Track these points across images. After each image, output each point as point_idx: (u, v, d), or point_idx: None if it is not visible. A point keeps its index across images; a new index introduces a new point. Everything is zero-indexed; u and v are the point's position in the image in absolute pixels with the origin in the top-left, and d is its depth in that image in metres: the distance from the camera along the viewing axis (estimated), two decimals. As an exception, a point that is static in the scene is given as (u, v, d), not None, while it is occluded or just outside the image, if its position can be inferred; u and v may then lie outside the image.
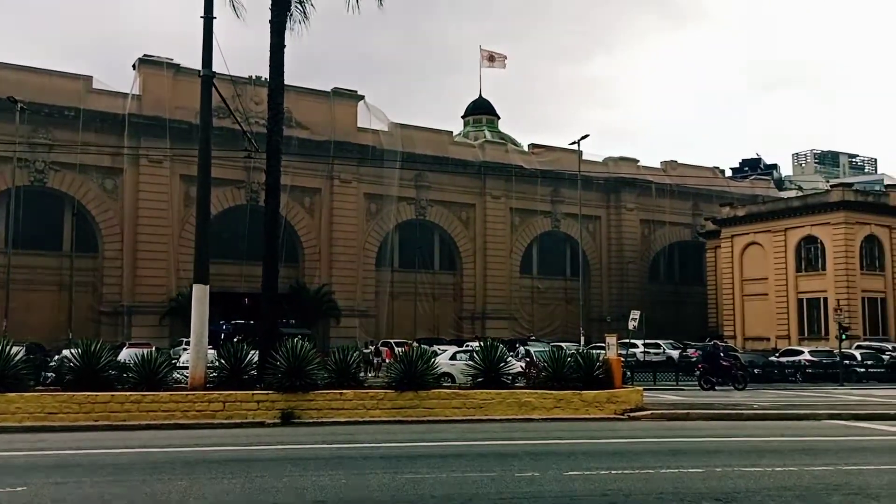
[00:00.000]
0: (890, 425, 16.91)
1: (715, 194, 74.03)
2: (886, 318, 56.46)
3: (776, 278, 59.18)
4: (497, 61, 73.19)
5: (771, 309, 59.27)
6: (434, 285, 63.30)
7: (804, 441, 14.12)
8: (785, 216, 59.69)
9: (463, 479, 9.95)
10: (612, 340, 20.58)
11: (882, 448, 13.32)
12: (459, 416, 17.34)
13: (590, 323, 62.96)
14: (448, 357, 28.99)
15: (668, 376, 34.59)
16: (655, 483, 9.69)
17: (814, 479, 9.99)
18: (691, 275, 73.67)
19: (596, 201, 70.09)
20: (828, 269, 56.03)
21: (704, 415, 18.48)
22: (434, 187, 62.90)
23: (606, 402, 18.26)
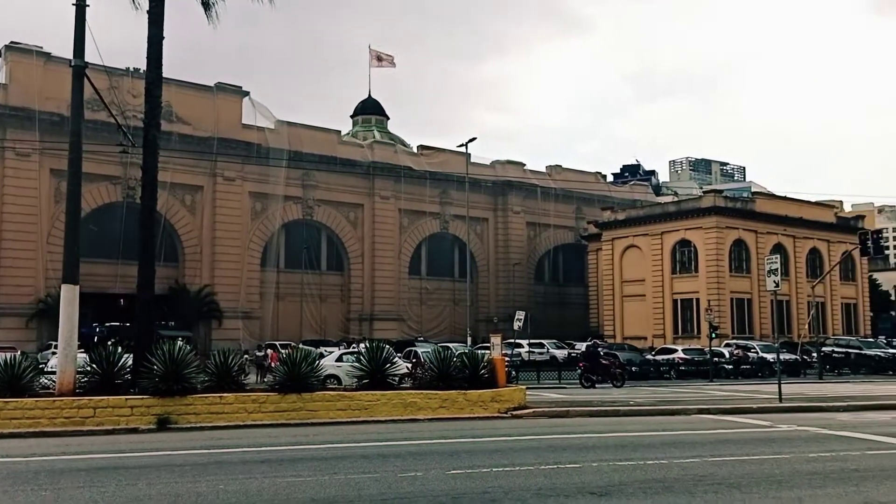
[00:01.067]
0: (752, 418, 17.92)
1: (597, 198, 76.67)
2: (752, 318, 60.01)
3: (653, 280, 61.84)
4: (385, 61, 73.18)
5: (648, 309, 61.90)
6: (321, 286, 62.60)
7: (675, 435, 14.77)
8: (661, 220, 62.49)
9: (346, 480, 9.85)
10: (496, 340, 20.91)
11: (744, 440, 14.09)
12: (344, 418, 17.18)
13: (477, 323, 63.88)
14: (334, 359, 28.73)
15: (551, 375, 35.51)
16: (534, 479, 9.89)
17: (682, 470, 10.46)
18: (574, 276, 76.04)
19: (484, 204, 71.19)
20: (700, 272, 59.02)
21: (583, 412, 19.05)
22: (322, 187, 62.22)
23: (491, 401, 18.53)
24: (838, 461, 11.33)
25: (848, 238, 63.12)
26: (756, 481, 9.64)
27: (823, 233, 65.18)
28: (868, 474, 10.18)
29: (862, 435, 14.39)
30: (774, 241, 61.19)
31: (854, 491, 9.07)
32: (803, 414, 19.03)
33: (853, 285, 68.16)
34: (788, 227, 62.39)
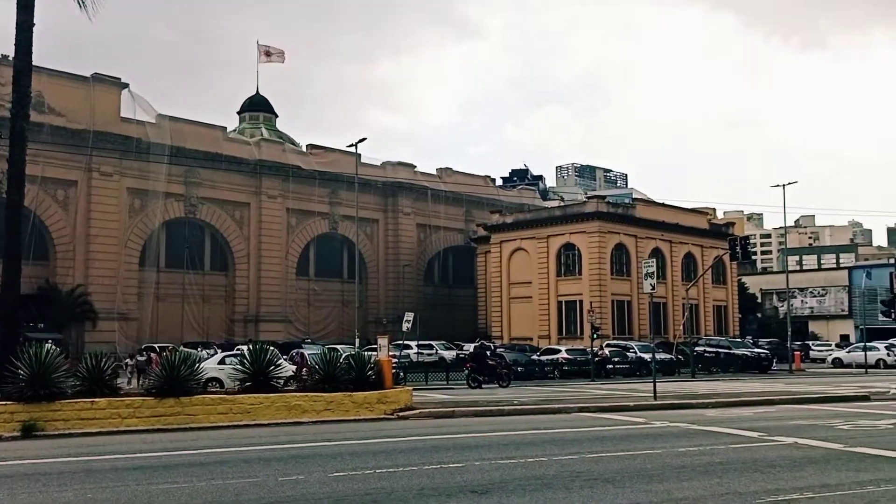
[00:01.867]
0: (629, 416, 18.65)
1: (486, 201, 77.87)
2: (632, 319, 62.41)
3: (539, 282, 63.33)
4: (275, 56, 71.75)
5: (534, 310, 63.33)
6: (204, 286, 60.76)
7: (555, 433, 15.18)
8: (548, 224, 64.09)
9: (224, 486, 9.60)
10: (383, 342, 20.89)
11: (620, 436, 14.64)
12: (225, 422, 16.75)
13: (366, 325, 63.59)
14: (216, 361, 27.91)
15: (439, 376, 35.76)
16: (418, 479, 9.94)
17: (560, 467, 10.76)
18: (464, 278, 76.91)
19: (374, 205, 70.97)
20: (583, 274, 60.90)
21: (469, 412, 19.29)
22: (206, 184, 60.38)
23: (377, 402, 18.49)
24: (705, 455, 11.94)
25: (720, 244, 66.61)
26: (629, 476, 10.03)
27: (698, 238, 68.57)
28: (731, 467, 10.78)
29: (728, 430, 15.22)
30: (653, 245, 63.86)
31: (718, 483, 9.57)
32: (676, 411, 19.94)
33: (724, 288, 72.01)
34: (666, 232, 65.28)
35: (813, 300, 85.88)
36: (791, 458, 11.57)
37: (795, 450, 12.42)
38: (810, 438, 13.65)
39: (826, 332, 79.75)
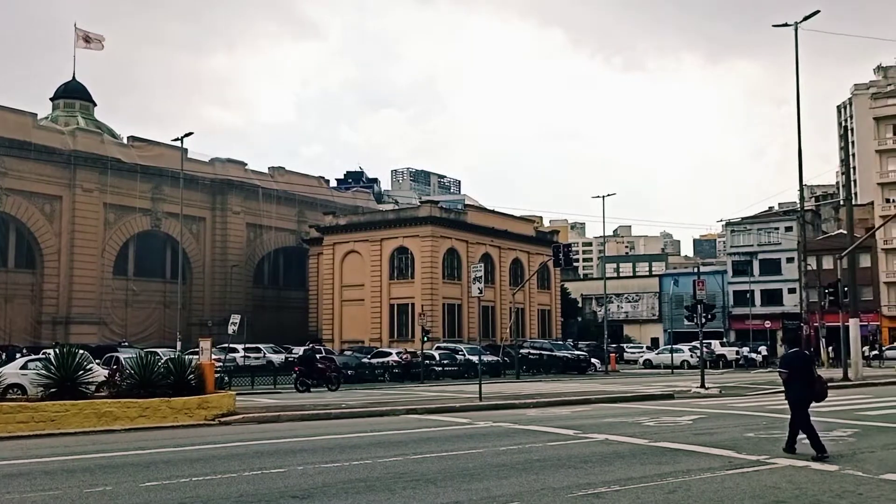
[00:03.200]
0: (455, 416, 19.00)
1: (320, 203, 76.93)
2: (462, 322, 63.82)
3: (372, 285, 63.34)
4: (94, 43, 67.21)
5: (367, 313, 63.25)
6: (7, 285, 55.90)
7: (382, 435, 15.18)
8: (382, 227, 64.27)
9: (20, 500, 8.79)
10: (205, 345, 20.04)
11: (445, 437, 14.87)
12: (27, 431, 15.44)
13: (190, 327, 60.96)
14: (18, 366, 25.69)
15: (267, 380, 34.83)
16: (237, 486, 9.58)
17: (385, 469, 10.76)
18: (295, 280, 75.53)
19: (201, 202, 68.19)
20: (416, 278, 61.57)
21: (295, 416, 18.90)
22: (11, 175, 55.59)
23: (197, 408, 17.69)
24: (524, 453, 12.36)
25: (545, 250, 69.57)
26: (451, 475, 10.19)
27: (525, 245, 71.31)
28: (547, 463, 11.22)
29: (546, 428, 15.86)
30: (483, 250, 65.68)
31: (534, 479, 9.93)
32: (500, 411, 20.56)
33: (548, 293, 75.32)
34: (495, 238, 67.38)
35: (628, 305, 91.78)
36: (602, 453, 12.22)
37: (606, 446, 13.13)
38: (620, 435, 14.49)
39: (639, 335, 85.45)
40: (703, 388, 27.33)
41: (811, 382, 12.33)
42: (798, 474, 10.03)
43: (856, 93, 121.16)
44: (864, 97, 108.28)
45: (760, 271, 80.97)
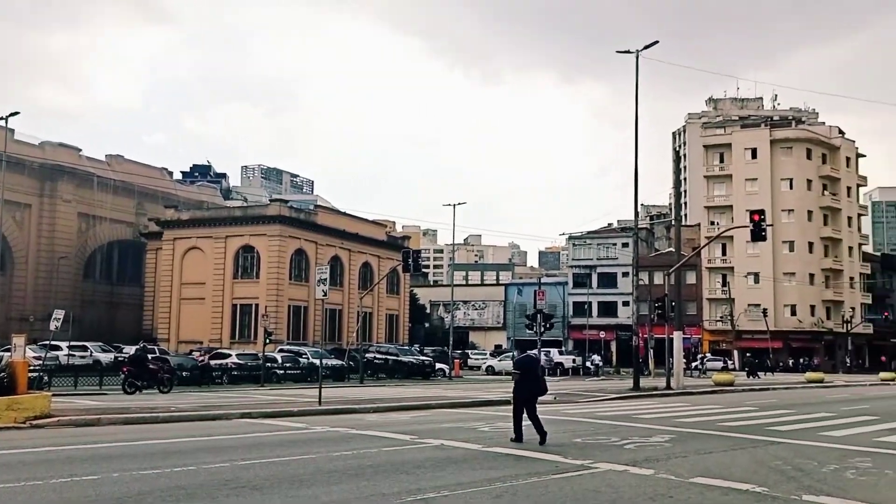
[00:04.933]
0: (292, 421, 18.55)
1: (162, 195, 73.42)
2: (307, 325, 62.80)
3: (214, 283, 61.12)
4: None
5: (207, 313, 60.92)
6: None
7: (211, 440, 14.54)
8: (228, 224, 62.20)
9: None
10: (19, 341, 18.46)
11: (279, 442, 14.43)
12: None
13: (9, 322, 56.41)
14: None
15: (92, 380, 32.70)
16: (41, 494, 8.83)
17: (210, 475, 10.26)
18: (131, 275, 71.65)
19: (27, 188, 63.34)
20: (261, 278, 60.01)
21: (118, 419, 17.78)
22: None
23: (6, 409, 16.27)
24: (359, 458, 12.18)
25: (396, 255, 69.82)
26: (280, 482, 9.86)
27: (375, 249, 71.25)
28: (381, 469, 11.10)
29: (384, 433, 15.76)
30: (332, 252, 64.99)
31: (366, 485, 9.78)
32: (339, 416, 20.27)
33: (397, 298, 75.58)
34: (346, 241, 66.87)
35: (474, 312, 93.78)
36: (435, 458, 12.25)
37: (441, 451, 13.19)
38: (455, 440, 14.62)
39: (484, 342, 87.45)
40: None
41: (537, 381, 14.69)
42: (617, 478, 10.45)
43: (689, 121, 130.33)
44: (696, 126, 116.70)
45: (599, 284, 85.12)
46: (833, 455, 12.98)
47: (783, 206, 79.84)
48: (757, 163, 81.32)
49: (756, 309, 75.81)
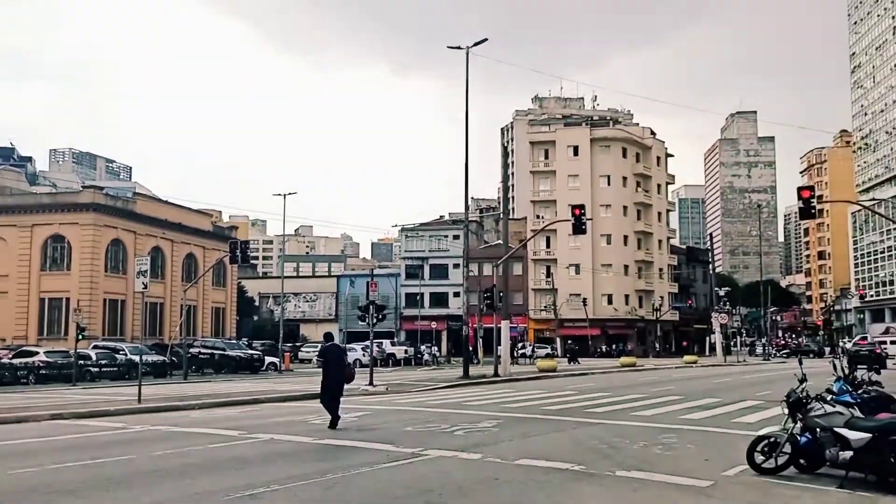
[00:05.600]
0: (108, 421, 17.51)
1: (-46, 179, 66.54)
2: (125, 319, 59.27)
3: (19, 276, 56.28)
4: None
5: (11, 308, 56.00)
6: None
7: (16, 444, 13.47)
8: (34, 212, 57.44)
9: None
10: None
11: (94, 444, 13.56)
12: None
13: None
14: None
15: None
16: None
17: (15, 482, 9.51)
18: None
19: None
20: (73, 270, 55.95)
21: None
22: None
23: None
24: (183, 457, 11.70)
25: (222, 246, 67.31)
26: (96, 485, 9.29)
27: (201, 239, 68.32)
28: (207, 466, 10.73)
29: (210, 430, 15.21)
30: (153, 243, 61.68)
31: (190, 483, 9.42)
32: (161, 414, 19.34)
33: (224, 290, 72.93)
34: (168, 230, 63.62)
35: (306, 305, 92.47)
36: (265, 453, 11.99)
37: (271, 445, 12.93)
38: (286, 434, 14.37)
39: (315, 335, 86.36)
40: (372, 386, 28.30)
41: (343, 369, 15.52)
42: (447, 464, 10.71)
43: (517, 118, 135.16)
44: (523, 122, 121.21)
45: (431, 275, 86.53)
46: (643, 433, 13.98)
47: (602, 202, 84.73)
48: (578, 160, 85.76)
49: (577, 298, 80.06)
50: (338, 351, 16.04)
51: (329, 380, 15.27)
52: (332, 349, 15.88)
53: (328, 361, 15.52)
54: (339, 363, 15.51)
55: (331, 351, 15.78)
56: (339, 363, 15.51)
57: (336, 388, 15.24)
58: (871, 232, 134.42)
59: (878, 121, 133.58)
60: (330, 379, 15.27)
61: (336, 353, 15.76)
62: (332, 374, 15.29)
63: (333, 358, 15.56)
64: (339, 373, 15.36)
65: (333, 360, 15.51)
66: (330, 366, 15.42)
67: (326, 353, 15.76)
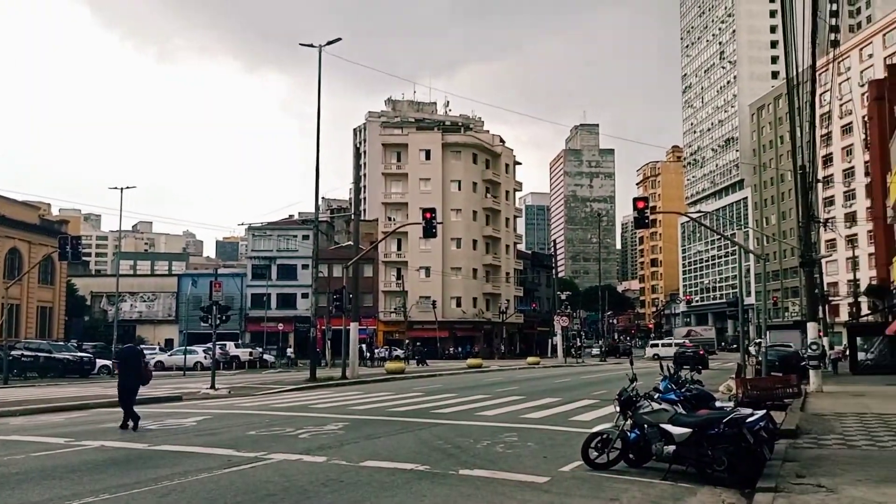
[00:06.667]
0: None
1: None
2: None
3: None
4: None
5: None
6: None
7: None
8: None
9: None
10: None
11: None
12: None
13: None
14: None
15: None
16: None
17: None
18: None
19: None
20: None
21: None
22: None
23: None
24: (2, 466, 10.82)
25: (51, 241, 62.78)
26: None
27: (26, 233, 63.45)
28: (29, 476, 9.98)
29: (33, 438, 14.18)
30: (-28, 237, 56.68)
31: (11, 494, 8.74)
32: (-25, 421, 17.78)
33: (51, 289, 68.07)
34: (-11, 223, 58.68)
35: (143, 305, 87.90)
36: (95, 461, 11.31)
37: (102, 453, 12.21)
38: (119, 440, 13.63)
39: (153, 336, 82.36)
40: (214, 389, 27.35)
41: (140, 372, 15.93)
42: (290, 467, 10.52)
43: (370, 119, 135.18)
44: (376, 124, 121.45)
45: (278, 276, 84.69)
46: (487, 432, 14.35)
47: (452, 206, 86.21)
48: (430, 164, 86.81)
49: (427, 301, 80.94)
50: (134, 353, 16.58)
51: (125, 381, 15.79)
52: (128, 351, 16.68)
53: (124, 364, 16.12)
54: (135, 365, 15.96)
55: (127, 354, 16.49)
56: (135, 365, 15.96)
57: (133, 389, 15.79)
58: (697, 242, 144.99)
59: (706, 138, 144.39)
60: (126, 380, 15.80)
61: (132, 356, 16.29)
62: (128, 375, 15.84)
63: (130, 360, 16.06)
64: (135, 375, 15.86)
65: (131, 362, 16.00)
66: (126, 368, 15.98)
67: (122, 356, 16.56)
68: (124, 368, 16.08)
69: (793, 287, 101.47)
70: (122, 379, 16.00)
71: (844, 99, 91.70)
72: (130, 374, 15.85)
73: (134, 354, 16.48)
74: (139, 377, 15.98)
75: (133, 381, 15.83)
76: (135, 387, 15.89)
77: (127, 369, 15.96)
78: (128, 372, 15.90)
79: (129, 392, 15.67)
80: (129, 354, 16.42)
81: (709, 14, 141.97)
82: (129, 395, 15.65)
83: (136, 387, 15.93)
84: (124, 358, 16.35)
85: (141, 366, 16.17)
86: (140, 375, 16.00)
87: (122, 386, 15.77)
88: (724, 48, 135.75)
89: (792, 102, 25.70)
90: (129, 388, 15.71)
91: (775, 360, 28.13)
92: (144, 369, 16.28)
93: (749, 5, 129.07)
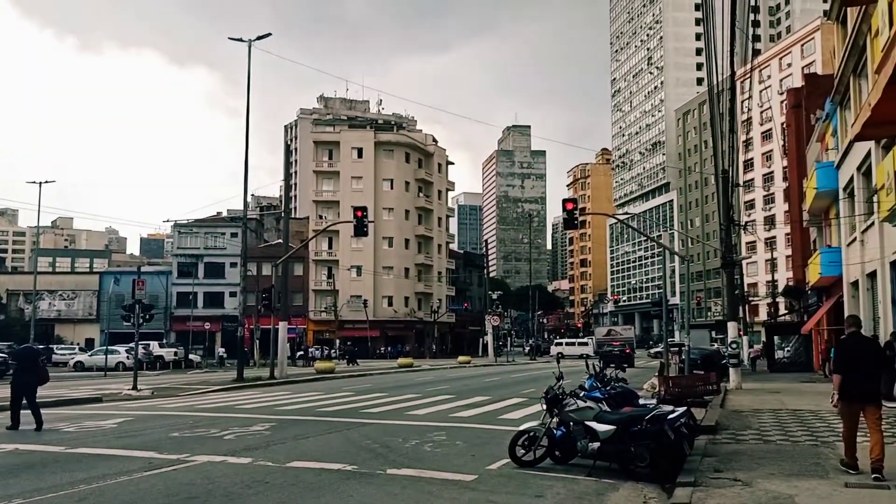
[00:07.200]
0: None
1: None
2: None
3: None
4: None
5: None
6: None
7: None
8: None
9: None
10: None
11: None
12: None
13: None
14: None
15: None
16: None
17: None
18: None
19: None
20: None
21: None
22: None
23: None
24: None
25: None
26: None
27: (-63, 228, 60.63)
28: (-66, 483, 9.51)
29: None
30: None
31: (-88, 504, 8.31)
32: None
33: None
34: None
35: (62, 303, 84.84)
36: (9, 465, 10.89)
37: (16, 456, 11.76)
38: (34, 443, 13.14)
39: (73, 336, 79.61)
40: (136, 390, 26.61)
41: (35, 370, 15.84)
42: (214, 469, 10.32)
43: (301, 116, 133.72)
44: (307, 121, 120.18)
45: (205, 274, 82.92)
46: (416, 432, 14.36)
47: (385, 205, 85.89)
48: (363, 162, 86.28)
49: (358, 300, 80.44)
50: (32, 353, 16.65)
51: (20, 379, 15.77)
52: (25, 351, 16.76)
53: (20, 364, 16.16)
54: (31, 365, 15.93)
55: (24, 353, 16.56)
56: (31, 365, 15.93)
57: (28, 391, 15.62)
58: (625, 243, 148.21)
59: (634, 142, 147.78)
60: (21, 378, 15.76)
61: (29, 356, 16.33)
62: (24, 375, 15.77)
63: (27, 361, 16.05)
64: (31, 375, 15.76)
65: (26, 362, 16.02)
66: (21, 368, 15.97)
67: (19, 356, 16.69)
68: (21, 368, 16.01)
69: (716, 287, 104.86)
70: (16, 377, 15.93)
71: (765, 106, 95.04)
72: (26, 374, 15.77)
73: (29, 353, 16.53)
74: (36, 376, 15.84)
75: (31, 379, 15.73)
76: (33, 385, 15.74)
77: (23, 369, 15.89)
78: (24, 372, 15.83)
79: (29, 391, 15.61)
80: (27, 354, 16.45)
81: (637, 20, 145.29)
82: (30, 394, 15.61)
83: (34, 385, 15.76)
84: (21, 357, 16.42)
85: (37, 366, 16.10)
86: (37, 375, 15.87)
87: (17, 384, 15.72)
88: (651, 54, 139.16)
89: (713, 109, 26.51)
90: (25, 387, 15.60)
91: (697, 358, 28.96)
92: (41, 369, 16.13)
93: (675, 13, 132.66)
